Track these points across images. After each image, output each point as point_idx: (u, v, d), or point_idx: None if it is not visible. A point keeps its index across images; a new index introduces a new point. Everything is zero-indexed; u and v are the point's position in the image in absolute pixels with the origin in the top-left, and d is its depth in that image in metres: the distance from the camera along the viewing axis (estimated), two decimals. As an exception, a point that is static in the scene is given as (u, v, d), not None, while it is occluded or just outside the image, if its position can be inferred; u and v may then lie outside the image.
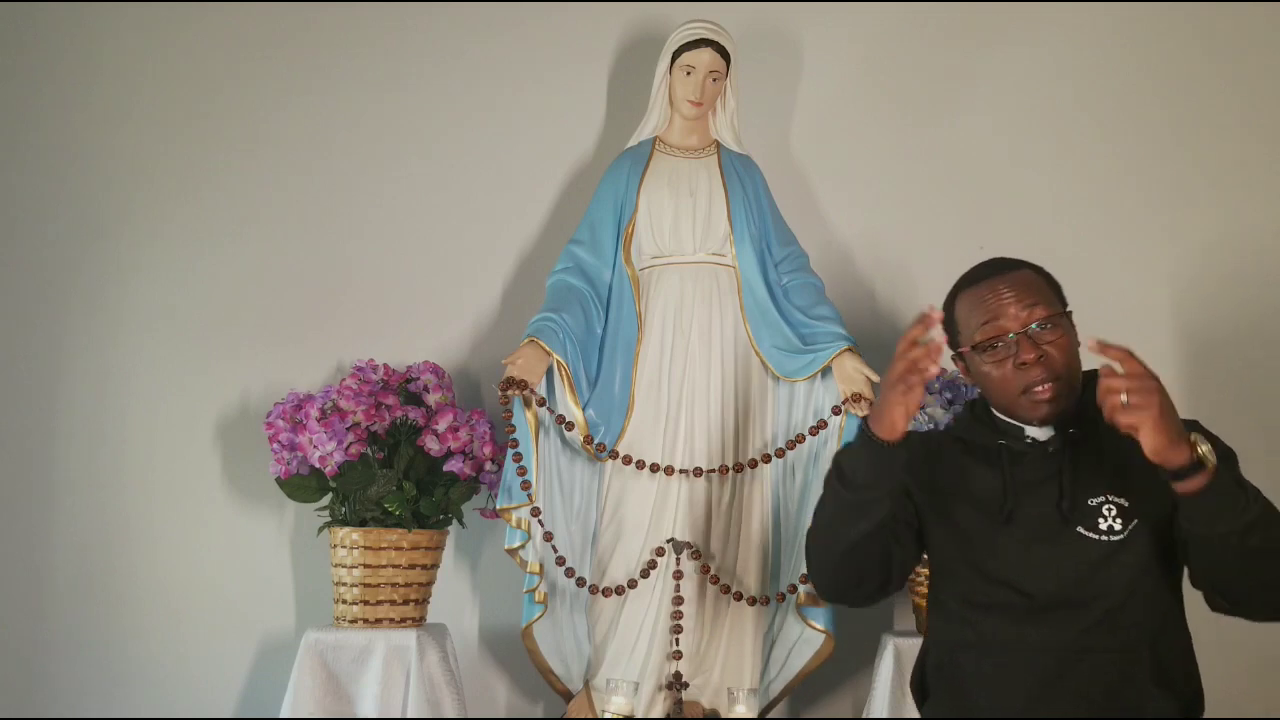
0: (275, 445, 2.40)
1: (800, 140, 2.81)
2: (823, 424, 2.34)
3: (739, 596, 2.32)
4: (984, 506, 1.83)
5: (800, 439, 2.36)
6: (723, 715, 2.34)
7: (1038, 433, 1.87)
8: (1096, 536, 1.76)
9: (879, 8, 2.83)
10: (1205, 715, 1.75)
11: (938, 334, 1.62)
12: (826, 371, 2.34)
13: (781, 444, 2.38)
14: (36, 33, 2.86)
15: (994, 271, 1.88)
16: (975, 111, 2.80)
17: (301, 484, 2.41)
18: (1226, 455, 1.76)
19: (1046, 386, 1.80)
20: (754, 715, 2.34)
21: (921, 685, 1.93)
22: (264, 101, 2.85)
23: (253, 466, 2.62)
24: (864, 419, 1.77)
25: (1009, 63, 2.81)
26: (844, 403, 2.31)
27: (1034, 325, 1.80)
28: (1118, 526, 1.76)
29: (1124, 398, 1.54)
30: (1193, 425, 1.82)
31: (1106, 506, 1.78)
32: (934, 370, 1.62)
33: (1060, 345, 1.82)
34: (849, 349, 2.34)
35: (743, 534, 2.37)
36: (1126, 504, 1.77)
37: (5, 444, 2.74)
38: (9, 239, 2.81)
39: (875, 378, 2.31)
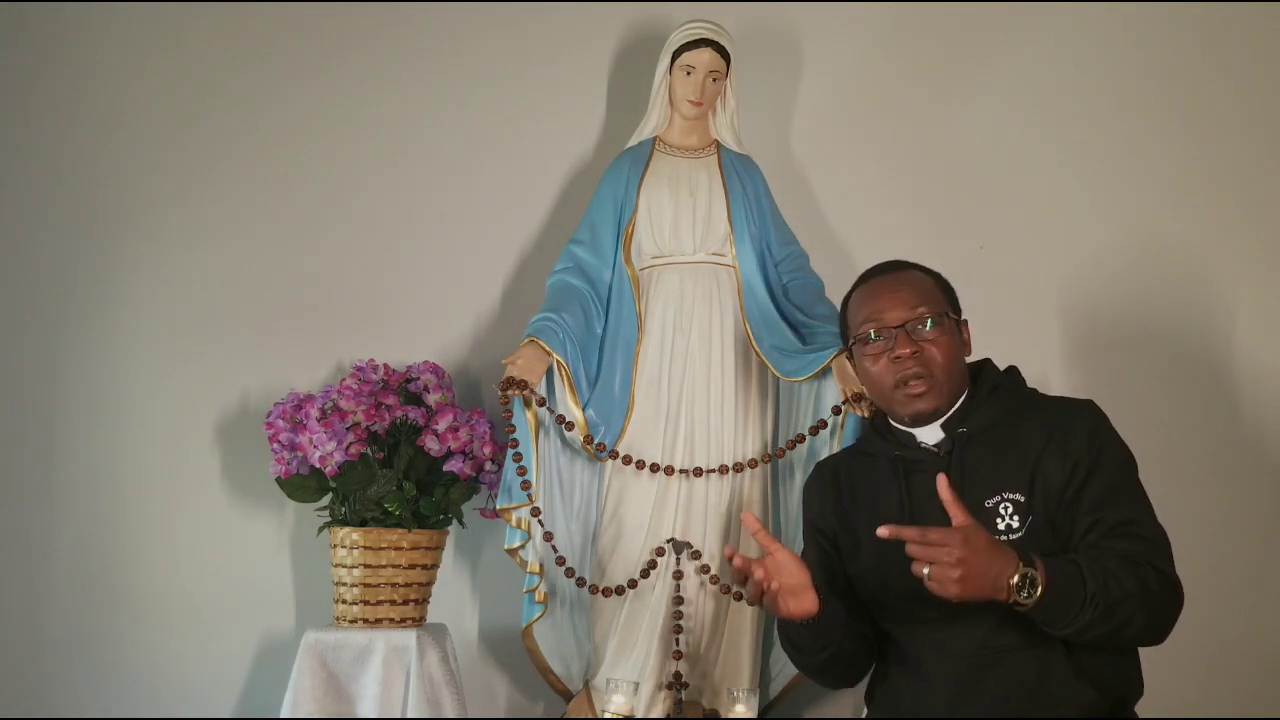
0: (275, 445, 2.40)
1: (800, 140, 2.81)
2: (822, 424, 2.34)
3: (739, 596, 2.32)
4: (887, 521, 1.84)
5: (800, 439, 2.36)
6: (723, 715, 2.34)
7: (928, 436, 1.88)
8: (996, 538, 1.75)
9: (879, 8, 2.83)
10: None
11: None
12: (826, 371, 2.34)
13: (781, 444, 2.38)
14: (30, 33, 2.85)
15: (886, 270, 1.95)
16: (975, 111, 2.80)
17: (301, 484, 2.41)
18: (1124, 468, 1.80)
19: (919, 382, 1.83)
20: (754, 715, 2.34)
21: (870, 689, 1.96)
22: (263, 101, 2.84)
23: (253, 466, 2.62)
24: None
25: (1009, 62, 2.81)
26: (844, 403, 2.31)
27: (916, 322, 1.84)
28: (1016, 524, 1.76)
29: (925, 570, 1.59)
30: (1085, 405, 1.84)
31: (1003, 505, 1.78)
32: (762, 575, 1.74)
33: (941, 344, 1.85)
34: (849, 349, 2.35)
35: (743, 534, 2.37)
36: (1022, 499, 1.77)
37: (3, 445, 2.74)
38: (6, 240, 2.80)
39: (875, 378, 2.31)
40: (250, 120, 2.84)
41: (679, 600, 2.31)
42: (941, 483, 1.64)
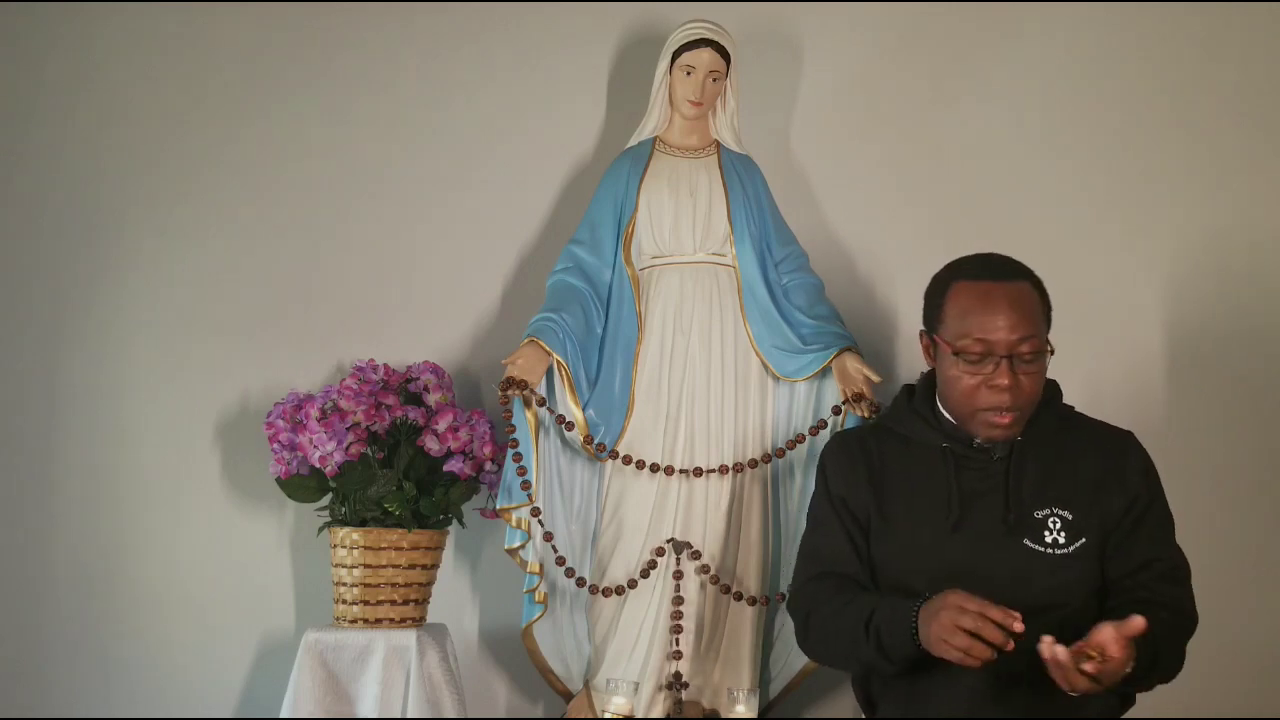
0: (275, 445, 2.40)
1: (800, 140, 2.81)
2: (822, 424, 2.35)
3: (739, 596, 2.32)
4: (928, 512, 1.82)
5: (800, 439, 2.36)
6: (723, 715, 2.34)
7: None
8: (1042, 549, 1.77)
9: (879, 7, 2.82)
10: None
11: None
12: (826, 371, 2.34)
13: (781, 444, 2.38)
14: (30, 33, 2.85)
15: (999, 276, 1.84)
16: (976, 110, 2.79)
17: (301, 484, 2.41)
18: (1166, 506, 1.84)
19: (1008, 415, 1.78)
20: (754, 715, 2.35)
21: (867, 693, 1.92)
22: (262, 100, 2.84)
23: (253, 466, 2.62)
24: (915, 625, 1.67)
25: (1010, 61, 2.81)
26: (844, 403, 2.31)
27: (1023, 355, 1.78)
28: (1063, 540, 1.77)
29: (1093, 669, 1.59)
30: (1130, 437, 1.85)
31: (1052, 519, 1.78)
32: (989, 654, 1.60)
33: (1035, 377, 1.80)
34: (849, 349, 2.34)
35: (743, 534, 2.37)
36: (1071, 517, 1.78)
37: (3, 444, 2.74)
38: (5, 240, 2.80)
39: (876, 378, 2.31)
40: (249, 119, 2.83)
41: (679, 600, 2.31)
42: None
